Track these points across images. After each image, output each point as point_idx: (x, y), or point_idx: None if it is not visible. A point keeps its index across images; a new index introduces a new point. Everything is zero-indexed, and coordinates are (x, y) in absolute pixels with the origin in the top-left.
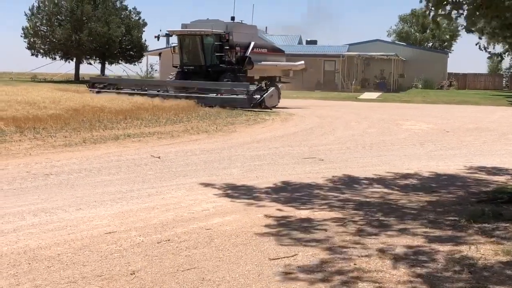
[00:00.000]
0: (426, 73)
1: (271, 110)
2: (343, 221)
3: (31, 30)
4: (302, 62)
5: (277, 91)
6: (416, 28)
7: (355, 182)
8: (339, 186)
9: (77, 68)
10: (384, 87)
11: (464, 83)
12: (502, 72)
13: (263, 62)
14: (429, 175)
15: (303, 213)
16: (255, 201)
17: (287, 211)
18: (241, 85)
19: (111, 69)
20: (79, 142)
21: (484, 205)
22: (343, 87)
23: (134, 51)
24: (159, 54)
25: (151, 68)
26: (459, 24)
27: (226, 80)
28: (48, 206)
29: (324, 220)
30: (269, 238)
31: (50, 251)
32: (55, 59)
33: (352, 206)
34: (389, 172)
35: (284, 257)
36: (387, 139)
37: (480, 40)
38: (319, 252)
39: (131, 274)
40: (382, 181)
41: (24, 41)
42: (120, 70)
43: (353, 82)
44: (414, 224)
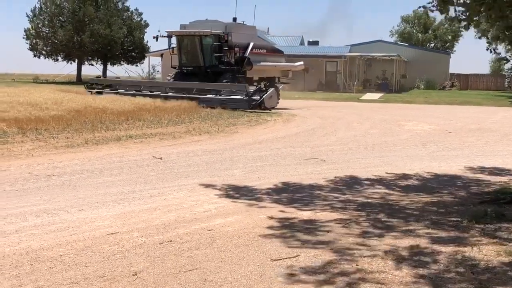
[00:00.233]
0: (428, 73)
1: (270, 111)
2: (345, 222)
3: (33, 32)
4: (301, 63)
5: (276, 92)
6: (418, 29)
7: (357, 183)
8: (341, 187)
9: (79, 70)
10: (386, 88)
11: (466, 83)
12: (504, 72)
13: (262, 63)
14: (431, 176)
15: (305, 214)
16: (257, 202)
17: (289, 212)
18: (240, 86)
19: (113, 70)
20: (81, 143)
21: (486, 205)
22: (345, 88)
23: (136, 52)
24: (161, 55)
25: (153, 69)
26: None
27: (225, 81)
28: (50, 207)
29: (326, 221)
30: (271, 239)
31: (52, 252)
32: (58, 60)
33: (354, 207)
34: (391, 173)
35: (286, 258)
36: (389, 140)
37: (480, 39)
38: (321, 253)
39: (133, 275)
40: (384, 181)
41: (26, 43)
42: (122, 71)
43: (355, 82)
44: (416, 225)
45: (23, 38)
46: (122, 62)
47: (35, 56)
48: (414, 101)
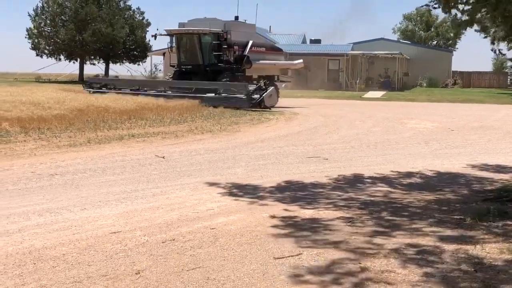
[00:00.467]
0: (431, 71)
1: (269, 109)
2: (348, 220)
3: (35, 31)
4: (300, 61)
5: (276, 90)
6: (420, 27)
7: (360, 181)
8: (343, 185)
9: (81, 69)
10: (388, 86)
11: (469, 81)
12: (506, 70)
13: (261, 61)
14: (433, 174)
15: (308, 213)
16: (259, 200)
17: (292, 210)
18: (240, 85)
19: (115, 69)
20: (83, 142)
21: (489, 203)
22: (347, 86)
23: (138, 51)
24: (163, 54)
25: (155, 68)
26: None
27: (224, 79)
28: (53, 206)
29: (329, 219)
30: (274, 237)
31: (55, 251)
32: (60, 59)
33: (357, 205)
34: (394, 171)
35: (289, 256)
36: (391, 138)
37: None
38: (324, 252)
39: (136, 273)
40: (387, 180)
41: (28, 42)
42: (124, 70)
43: (357, 81)
44: (420, 223)
45: (25, 37)
46: (124, 61)
47: (37, 55)
48: (417, 99)
